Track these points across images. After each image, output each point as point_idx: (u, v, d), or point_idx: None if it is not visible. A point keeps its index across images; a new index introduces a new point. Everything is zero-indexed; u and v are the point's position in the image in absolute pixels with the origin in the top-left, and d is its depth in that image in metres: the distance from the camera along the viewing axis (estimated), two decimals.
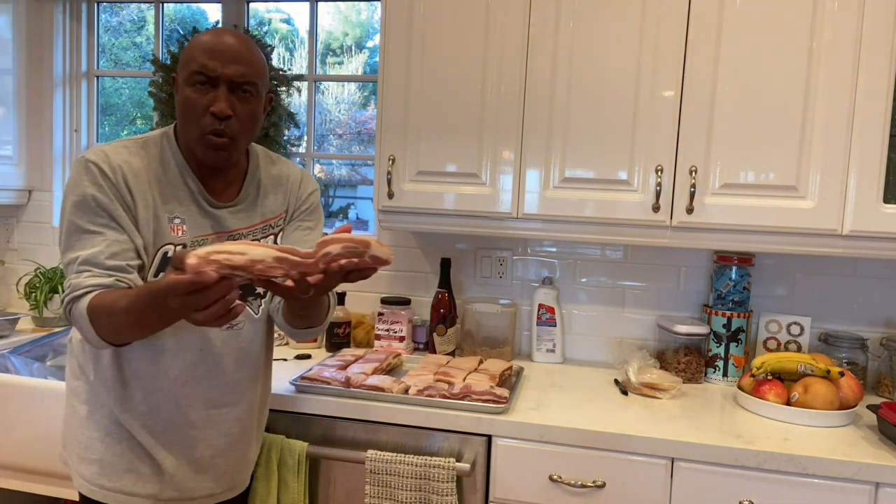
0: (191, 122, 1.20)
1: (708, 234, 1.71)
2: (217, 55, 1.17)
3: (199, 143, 1.20)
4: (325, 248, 0.95)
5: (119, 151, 1.21)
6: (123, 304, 1.05)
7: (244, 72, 1.19)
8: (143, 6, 2.54)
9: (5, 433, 1.78)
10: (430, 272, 2.21)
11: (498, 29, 1.76)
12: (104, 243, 1.14)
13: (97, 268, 1.13)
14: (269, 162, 1.39)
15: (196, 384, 1.28)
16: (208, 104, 1.18)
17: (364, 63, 2.45)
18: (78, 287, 1.11)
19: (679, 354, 1.91)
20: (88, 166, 1.17)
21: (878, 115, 1.58)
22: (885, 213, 1.60)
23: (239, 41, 1.20)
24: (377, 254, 0.97)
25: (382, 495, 1.53)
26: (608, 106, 1.72)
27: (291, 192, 1.39)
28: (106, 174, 1.17)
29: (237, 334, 1.32)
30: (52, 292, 2.27)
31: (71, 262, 1.15)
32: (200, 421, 1.30)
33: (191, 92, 1.18)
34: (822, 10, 1.59)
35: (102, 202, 1.16)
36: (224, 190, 1.30)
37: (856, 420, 1.63)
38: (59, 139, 2.52)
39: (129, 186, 1.19)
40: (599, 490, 1.48)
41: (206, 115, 1.18)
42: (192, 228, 1.25)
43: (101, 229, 1.15)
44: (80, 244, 1.15)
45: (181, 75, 1.21)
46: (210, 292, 0.89)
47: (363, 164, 2.55)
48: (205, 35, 1.21)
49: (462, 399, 1.56)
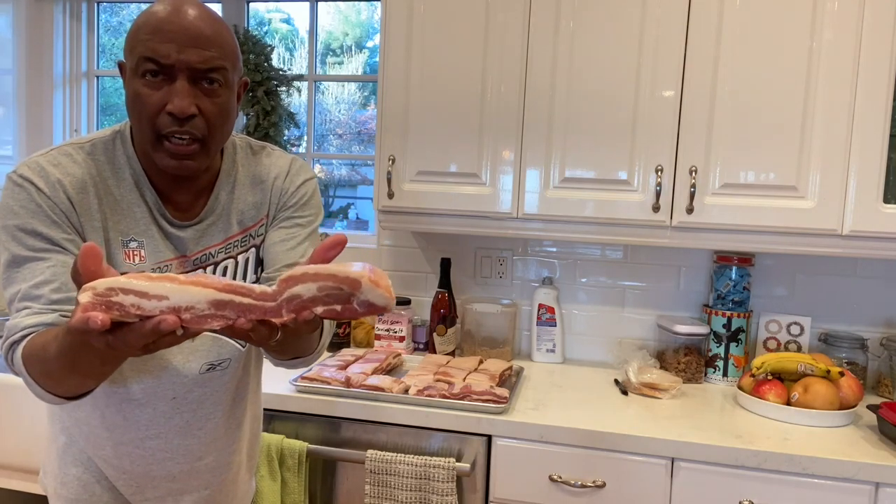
0: (143, 124, 0.93)
1: (708, 234, 1.71)
2: (171, 36, 0.89)
3: (156, 150, 0.94)
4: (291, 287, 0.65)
5: (59, 162, 0.96)
6: (54, 348, 0.78)
7: (209, 56, 0.92)
8: (143, 6, 2.54)
9: (5, 433, 1.78)
10: (430, 272, 2.21)
11: (498, 29, 1.76)
12: (48, 271, 0.91)
13: (37, 302, 0.89)
14: (250, 155, 1.11)
15: (171, 437, 1.06)
16: (164, 101, 0.91)
17: (364, 63, 2.45)
18: (13, 330, 0.87)
19: (679, 354, 1.91)
20: (22, 184, 0.93)
21: (878, 115, 1.58)
22: (885, 213, 1.60)
23: (199, 14, 0.92)
24: (371, 298, 0.64)
25: (382, 495, 1.53)
26: (608, 106, 1.72)
27: (273, 190, 1.10)
28: (43, 192, 0.93)
29: (220, 375, 1.08)
30: None
31: (12, 298, 0.91)
32: (182, 475, 1.10)
33: (140, 85, 0.92)
34: (822, 10, 1.59)
35: (40, 227, 0.92)
36: (192, 202, 1.04)
37: (856, 420, 1.63)
38: (59, 139, 2.52)
39: (73, 205, 0.95)
40: (599, 490, 1.48)
41: (161, 114, 0.92)
42: (151, 253, 1.00)
43: (43, 255, 0.91)
44: (20, 275, 0.91)
45: (128, 62, 0.94)
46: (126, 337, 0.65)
47: (363, 164, 2.55)
48: (156, 10, 0.92)
49: (462, 399, 1.56)
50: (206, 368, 1.06)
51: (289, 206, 1.10)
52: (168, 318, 0.63)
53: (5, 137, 2.39)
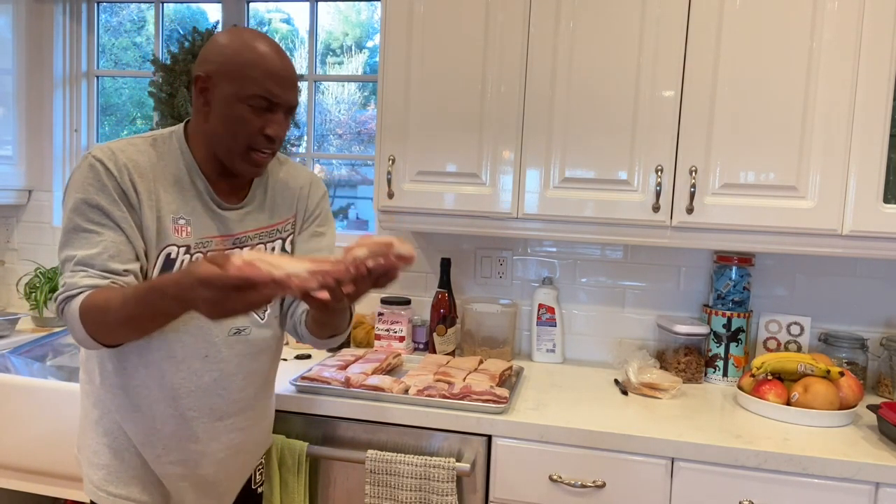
0: (239, 139, 1.17)
1: (708, 234, 1.71)
2: (281, 82, 1.16)
3: (240, 157, 1.19)
4: (351, 253, 0.98)
5: (126, 149, 1.17)
6: (118, 300, 1.04)
7: (295, 96, 1.20)
8: (143, 6, 2.54)
9: (5, 433, 1.78)
10: (430, 272, 2.21)
11: (498, 29, 1.76)
12: (102, 244, 1.12)
13: (93, 268, 1.11)
14: (277, 163, 1.36)
15: (200, 395, 1.23)
16: (263, 125, 1.17)
17: (364, 63, 2.45)
18: (72, 287, 1.10)
19: (679, 354, 1.91)
20: (94, 164, 1.14)
21: (878, 115, 1.58)
22: (885, 213, 1.60)
23: (289, 62, 1.20)
24: (401, 251, 0.99)
25: (382, 495, 1.53)
26: (608, 106, 1.72)
27: (300, 199, 1.36)
28: (111, 173, 1.14)
29: (244, 340, 1.27)
30: (52, 292, 2.27)
31: (67, 259, 1.12)
32: (205, 434, 1.26)
33: (247, 112, 1.16)
34: (822, 10, 1.59)
35: (104, 203, 1.13)
36: (232, 192, 1.27)
37: (856, 420, 1.63)
38: (59, 139, 2.52)
39: (135, 186, 1.15)
40: (599, 490, 1.48)
41: (259, 135, 1.17)
42: (196, 230, 1.21)
43: (99, 230, 1.13)
44: (78, 243, 1.12)
45: (229, 87, 1.15)
46: (258, 291, 0.90)
47: (363, 164, 2.55)
48: (263, 53, 1.16)
49: (462, 399, 1.56)
50: (233, 332, 1.25)
51: (313, 218, 1.37)
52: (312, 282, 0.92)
53: (5, 137, 2.39)
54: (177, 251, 1.19)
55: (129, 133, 2.65)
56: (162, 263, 1.19)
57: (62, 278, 1.13)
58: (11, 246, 2.54)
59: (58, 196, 2.52)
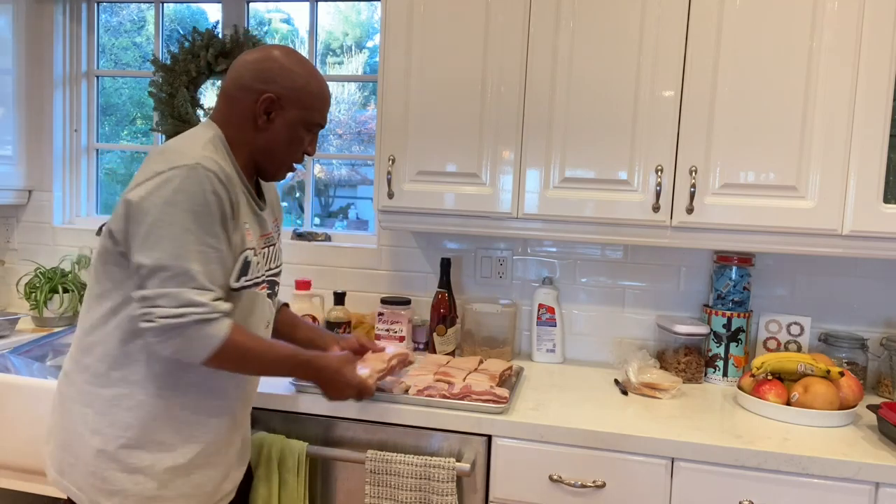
0: (288, 155, 1.32)
1: (708, 234, 1.71)
2: (327, 106, 1.34)
3: (285, 169, 1.35)
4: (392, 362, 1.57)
5: (220, 160, 1.20)
6: (266, 352, 1.23)
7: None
8: (143, 6, 2.54)
9: (5, 433, 1.78)
10: (430, 272, 2.21)
11: (498, 29, 1.76)
12: (218, 260, 1.16)
13: (220, 289, 1.16)
14: None
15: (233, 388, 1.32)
16: (308, 145, 1.34)
17: (364, 63, 2.45)
18: (214, 311, 1.13)
19: (679, 354, 1.91)
20: (210, 177, 1.15)
21: (878, 115, 1.58)
22: (885, 213, 1.60)
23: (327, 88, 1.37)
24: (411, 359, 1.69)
25: (382, 495, 1.53)
26: (608, 106, 1.72)
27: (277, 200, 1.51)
28: (225, 186, 1.17)
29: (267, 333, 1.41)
30: (52, 292, 2.27)
31: (182, 272, 1.11)
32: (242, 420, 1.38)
33: (304, 133, 1.31)
34: (822, 11, 1.59)
35: (224, 216, 1.17)
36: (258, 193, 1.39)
37: (856, 420, 1.63)
38: (59, 139, 2.52)
39: (234, 197, 1.21)
40: (599, 490, 1.48)
41: (303, 153, 1.34)
42: (253, 232, 1.30)
43: (217, 244, 1.16)
44: (194, 256, 1.13)
45: (301, 114, 1.28)
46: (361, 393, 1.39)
47: (363, 164, 2.55)
48: (323, 86, 1.32)
49: (462, 399, 1.56)
50: (265, 325, 1.38)
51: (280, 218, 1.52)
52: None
53: (5, 137, 2.39)
54: (250, 254, 1.26)
55: (129, 133, 2.65)
56: (241, 266, 1.24)
57: (178, 291, 1.11)
58: (11, 246, 2.54)
59: (58, 196, 2.52)
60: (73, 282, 2.32)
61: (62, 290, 2.28)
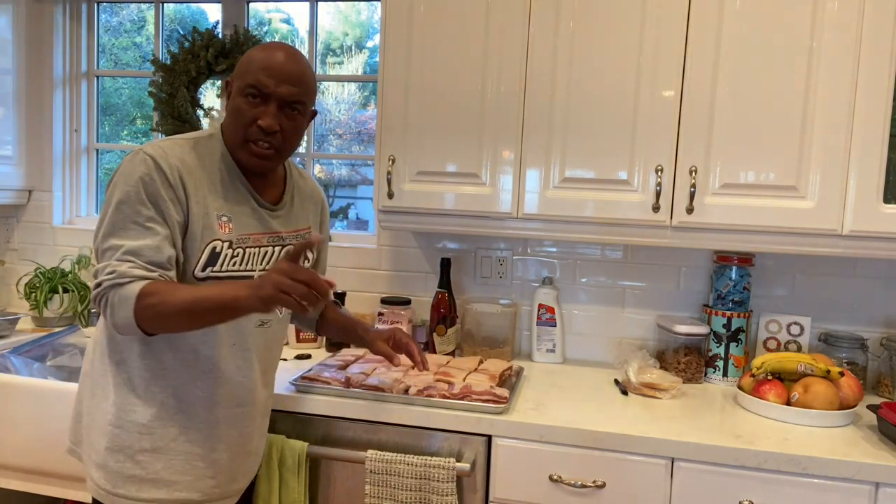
0: (236, 129, 1.26)
1: (708, 234, 1.71)
2: (274, 74, 1.23)
3: (241, 149, 1.28)
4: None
5: (174, 149, 1.25)
6: (184, 288, 1.15)
7: (295, 92, 1.25)
8: (143, 6, 2.54)
9: (5, 433, 1.78)
10: (430, 272, 2.21)
11: (498, 29, 1.76)
12: (149, 238, 1.18)
13: (140, 260, 1.16)
14: (299, 175, 1.49)
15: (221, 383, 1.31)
16: (256, 116, 1.24)
17: (364, 63, 2.45)
18: (124, 275, 1.15)
19: (679, 354, 1.91)
20: (146, 160, 1.20)
21: (878, 115, 1.58)
22: (885, 213, 1.60)
23: (295, 62, 1.26)
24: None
25: (382, 495, 1.53)
26: (608, 106, 1.72)
27: (317, 214, 1.51)
28: (162, 169, 1.20)
29: (265, 332, 1.38)
30: (52, 292, 2.27)
31: (112, 248, 1.17)
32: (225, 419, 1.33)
33: (242, 102, 1.25)
34: (822, 11, 1.59)
35: (155, 198, 1.19)
36: (267, 191, 1.37)
37: (856, 420, 1.63)
38: (59, 139, 2.52)
39: (184, 184, 1.22)
40: (599, 490, 1.48)
41: (252, 125, 1.25)
42: (238, 227, 1.30)
43: (149, 224, 1.19)
44: (126, 234, 1.18)
45: (236, 84, 1.27)
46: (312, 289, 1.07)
47: (363, 164, 2.55)
48: (264, 51, 1.26)
49: (462, 399, 1.56)
50: (258, 324, 1.36)
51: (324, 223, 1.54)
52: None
53: (5, 137, 2.39)
54: (221, 245, 1.27)
55: (129, 133, 2.65)
56: (208, 256, 1.26)
57: (105, 264, 1.17)
58: (11, 246, 2.54)
59: (58, 196, 2.52)
60: (73, 282, 2.32)
61: (62, 290, 2.28)
